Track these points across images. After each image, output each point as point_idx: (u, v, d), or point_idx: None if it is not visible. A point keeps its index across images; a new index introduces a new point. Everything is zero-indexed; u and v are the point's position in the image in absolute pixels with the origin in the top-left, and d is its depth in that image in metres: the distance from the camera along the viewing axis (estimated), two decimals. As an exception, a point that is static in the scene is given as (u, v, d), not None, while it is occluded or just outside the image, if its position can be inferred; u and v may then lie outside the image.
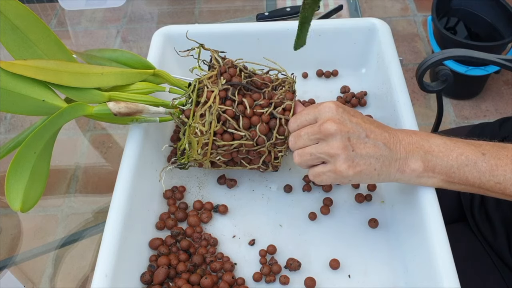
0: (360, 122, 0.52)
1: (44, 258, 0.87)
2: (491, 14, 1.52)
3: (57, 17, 1.66)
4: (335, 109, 0.52)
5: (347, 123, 0.51)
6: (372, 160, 0.51)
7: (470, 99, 1.63)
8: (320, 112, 0.53)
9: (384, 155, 0.52)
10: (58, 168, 1.06)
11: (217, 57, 0.61)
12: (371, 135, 0.51)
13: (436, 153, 0.52)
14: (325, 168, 0.53)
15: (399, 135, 0.53)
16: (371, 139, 0.51)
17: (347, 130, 0.51)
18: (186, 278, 0.57)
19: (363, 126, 0.52)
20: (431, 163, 0.52)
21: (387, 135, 0.52)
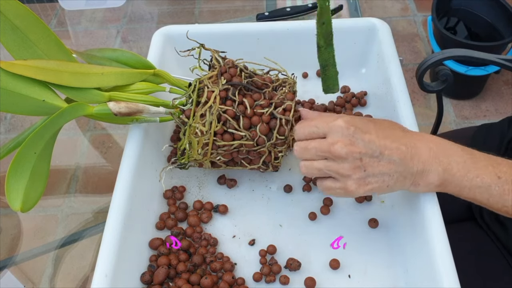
0: (373, 139, 0.49)
1: (44, 258, 0.87)
2: (491, 14, 1.52)
3: (57, 17, 1.66)
4: (345, 129, 0.49)
5: (358, 144, 0.49)
6: (386, 177, 0.50)
7: (470, 99, 1.63)
8: (330, 130, 0.50)
9: (398, 171, 0.50)
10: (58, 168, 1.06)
11: (218, 57, 0.61)
12: (386, 152, 0.49)
13: (454, 172, 0.50)
14: (335, 184, 0.52)
15: (418, 147, 0.50)
16: (386, 156, 0.49)
17: (358, 151, 0.49)
18: (186, 278, 0.57)
19: (376, 144, 0.49)
20: (446, 181, 0.50)
21: (404, 148, 0.49)
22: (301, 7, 0.98)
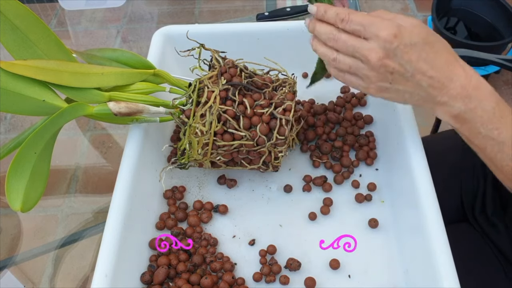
0: (412, 60, 0.48)
1: (44, 258, 0.88)
2: (491, 14, 1.52)
3: (57, 17, 1.66)
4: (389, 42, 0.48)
5: (395, 60, 0.49)
6: (407, 95, 0.51)
7: (470, 99, 1.63)
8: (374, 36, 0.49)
9: (422, 95, 0.51)
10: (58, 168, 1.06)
11: (218, 57, 0.61)
12: (418, 76, 0.49)
13: (475, 116, 0.50)
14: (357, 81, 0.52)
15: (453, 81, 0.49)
16: (416, 79, 0.49)
17: (392, 66, 0.49)
18: (186, 278, 0.57)
19: (413, 65, 0.49)
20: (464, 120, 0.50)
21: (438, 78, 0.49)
22: (301, 7, 0.98)
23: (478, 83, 0.50)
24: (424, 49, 0.49)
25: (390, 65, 0.49)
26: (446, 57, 0.50)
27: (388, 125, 0.67)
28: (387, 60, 0.49)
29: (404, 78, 0.50)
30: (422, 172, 0.57)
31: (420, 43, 0.49)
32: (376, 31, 0.48)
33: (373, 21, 0.49)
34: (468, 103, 0.49)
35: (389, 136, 0.67)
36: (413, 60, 0.49)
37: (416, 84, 0.50)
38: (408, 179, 0.58)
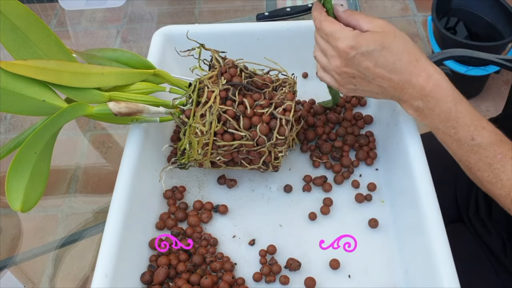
0: (370, 67, 0.52)
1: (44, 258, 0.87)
2: (491, 14, 1.52)
3: (57, 17, 1.66)
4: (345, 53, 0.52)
5: (353, 67, 0.53)
6: (373, 94, 0.55)
7: (470, 99, 1.63)
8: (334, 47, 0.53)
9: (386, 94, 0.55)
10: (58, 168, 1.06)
11: (218, 57, 0.61)
12: (377, 79, 0.53)
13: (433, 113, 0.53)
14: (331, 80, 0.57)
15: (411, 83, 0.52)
16: (377, 81, 0.53)
17: (352, 72, 0.53)
18: (186, 278, 0.57)
19: (371, 71, 0.52)
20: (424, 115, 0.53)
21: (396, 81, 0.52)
22: (301, 7, 0.98)
23: (437, 83, 0.52)
24: (381, 54, 0.51)
25: (349, 72, 0.53)
26: (407, 58, 0.52)
27: (388, 125, 0.67)
28: (346, 68, 0.53)
29: (366, 81, 0.54)
30: (422, 172, 0.57)
31: (377, 49, 0.51)
32: (335, 42, 0.53)
33: (334, 32, 0.53)
34: (427, 102, 0.52)
35: (389, 136, 0.67)
36: (371, 67, 0.52)
37: (378, 86, 0.54)
38: (408, 179, 0.58)
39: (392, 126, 0.65)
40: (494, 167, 0.51)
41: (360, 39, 0.51)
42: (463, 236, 0.71)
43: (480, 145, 0.51)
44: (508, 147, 0.51)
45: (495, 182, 0.51)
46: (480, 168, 0.52)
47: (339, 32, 0.52)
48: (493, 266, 0.67)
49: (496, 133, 0.52)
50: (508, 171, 0.50)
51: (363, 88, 0.55)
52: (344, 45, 0.52)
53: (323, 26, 0.54)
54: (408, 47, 0.52)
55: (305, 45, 0.77)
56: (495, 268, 0.67)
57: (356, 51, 0.51)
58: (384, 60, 0.52)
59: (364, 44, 0.51)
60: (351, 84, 0.55)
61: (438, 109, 0.52)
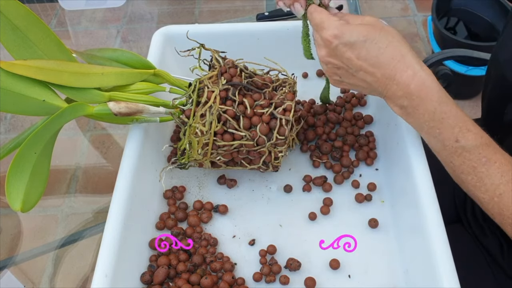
0: (352, 58, 0.51)
1: (44, 258, 0.88)
2: (491, 14, 1.52)
3: (57, 17, 1.66)
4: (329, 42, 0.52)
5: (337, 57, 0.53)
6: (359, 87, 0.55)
7: (470, 99, 1.63)
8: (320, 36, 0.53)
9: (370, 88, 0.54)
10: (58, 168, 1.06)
11: (218, 57, 0.61)
12: (360, 72, 0.52)
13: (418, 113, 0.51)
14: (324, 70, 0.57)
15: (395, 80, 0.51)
16: (360, 74, 0.52)
17: (336, 63, 0.53)
18: (186, 278, 0.57)
19: (353, 63, 0.52)
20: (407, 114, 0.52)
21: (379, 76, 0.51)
22: (301, 7, 0.98)
23: (422, 82, 0.50)
24: (364, 46, 0.51)
25: (333, 62, 0.53)
26: (391, 53, 0.51)
27: (388, 125, 0.67)
28: (330, 58, 0.53)
29: (350, 73, 0.53)
30: (422, 172, 0.57)
31: (360, 41, 0.51)
32: (321, 31, 0.53)
33: (321, 21, 0.53)
34: (411, 100, 0.51)
35: (389, 136, 0.67)
36: (353, 58, 0.51)
37: (361, 79, 0.53)
38: (408, 179, 0.58)
39: (392, 126, 0.65)
40: (478, 171, 0.49)
41: (344, 29, 0.51)
42: (462, 237, 0.71)
43: (464, 148, 0.49)
44: (493, 150, 0.49)
45: (478, 186, 0.50)
46: (463, 171, 0.50)
47: (325, 21, 0.53)
48: (490, 267, 0.67)
49: (481, 136, 0.50)
50: (492, 176, 0.49)
51: (348, 81, 0.55)
52: (328, 34, 0.52)
53: (313, 17, 0.55)
54: (394, 42, 0.51)
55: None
56: (492, 270, 0.67)
57: (338, 41, 0.51)
58: (366, 52, 0.51)
59: (347, 34, 0.51)
60: (336, 76, 0.55)
61: (423, 108, 0.51)
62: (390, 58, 0.51)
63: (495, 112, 0.66)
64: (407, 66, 0.51)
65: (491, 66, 0.67)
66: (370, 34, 0.51)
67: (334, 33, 0.51)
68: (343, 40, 0.51)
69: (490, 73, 0.67)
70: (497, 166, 0.49)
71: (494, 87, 0.65)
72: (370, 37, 0.51)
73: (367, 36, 0.51)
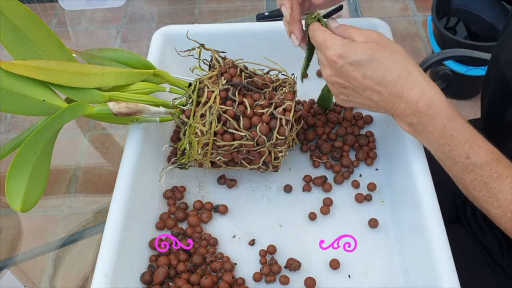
0: (357, 77, 0.51)
1: (44, 258, 0.88)
2: (491, 14, 1.52)
3: (57, 17, 1.66)
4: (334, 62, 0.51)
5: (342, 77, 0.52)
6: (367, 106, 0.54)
7: (470, 99, 1.63)
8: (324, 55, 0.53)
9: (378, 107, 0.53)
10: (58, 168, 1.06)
11: (218, 57, 0.61)
12: (367, 91, 0.52)
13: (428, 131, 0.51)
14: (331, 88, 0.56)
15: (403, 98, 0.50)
16: (367, 93, 0.52)
17: (342, 83, 0.53)
18: (186, 278, 0.57)
19: (360, 82, 0.51)
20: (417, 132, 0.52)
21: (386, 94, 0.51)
22: (301, 7, 0.98)
23: (430, 99, 0.50)
24: (369, 66, 0.50)
25: (339, 82, 0.53)
26: (398, 71, 0.50)
27: (388, 125, 0.67)
28: (336, 78, 0.53)
29: (357, 92, 0.53)
30: (422, 172, 0.57)
31: (366, 60, 0.50)
32: (324, 51, 0.52)
33: (324, 41, 0.52)
34: (420, 118, 0.50)
35: (389, 136, 0.67)
36: (359, 77, 0.51)
37: (368, 98, 0.52)
38: (408, 179, 0.58)
39: (392, 126, 0.65)
40: (490, 187, 0.49)
41: (348, 48, 0.50)
42: (462, 237, 0.71)
43: (475, 164, 0.49)
44: (504, 165, 0.49)
45: (491, 201, 0.49)
46: (475, 187, 0.50)
47: (328, 41, 0.52)
48: (490, 267, 0.67)
49: (492, 151, 0.49)
50: (504, 191, 0.48)
51: (355, 100, 0.54)
52: (332, 54, 0.51)
53: (315, 36, 0.54)
54: (400, 59, 0.51)
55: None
56: (492, 270, 0.67)
57: (343, 60, 0.51)
58: (372, 71, 0.50)
59: (352, 53, 0.50)
60: (343, 95, 0.54)
61: (432, 126, 0.50)
62: (397, 76, 0.50)
63: (496, 113, 0.66)
64: (414, 84, 0.50)
65: (492, 66, 0.67)
66: (375, 53, 0.50)
67: (339, 53, 0.51)
68: (348, 60, 0.50)
69: (490, 73, 0.67)
70: (509, 181, 0.48)
71: (494, 88, 0.65)
72: (376, 56, 0.50)
73: (372, 55, 0.50)
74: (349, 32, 0.53)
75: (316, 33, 0.54)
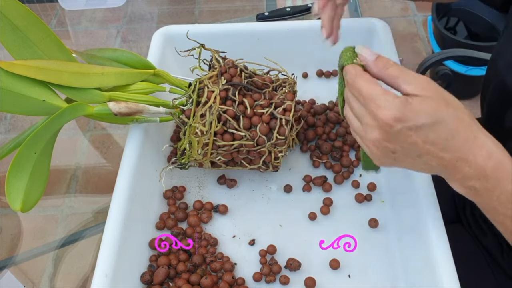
0: (418, 142, 0.43)
1: (44, 258, 0.87)
2: (491, 14, 1.52)
3: (57, 17, 1.66)
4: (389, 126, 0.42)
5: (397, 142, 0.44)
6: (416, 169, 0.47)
7: (470, 99, 1.63)
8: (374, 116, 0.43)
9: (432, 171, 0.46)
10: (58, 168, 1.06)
11: (218, 57, 0.61)
12: (426, 156, 0.44)
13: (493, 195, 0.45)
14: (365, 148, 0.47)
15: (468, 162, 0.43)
16: (424, 159, 0.44)
17: (393, 148, 0.44)
18: (186, 278, 0.57)
19: (419, 147, 0.43)
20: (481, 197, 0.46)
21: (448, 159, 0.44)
22: (301, 7, 0.98)
23: (498, 162, 0.44)
24: (432, 129, 0.43)
25: (390, 147, 0.44)
26: (464, 134, 0.43)
27: (388, 125, 0.67)
28: (387, 143, 0.44)
29: (410, 157, 0.45)
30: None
31: (428, 124, 0.42)
32: (376, 110, 0.43)
33: (375, 97, 0.43)
34: (484, 182, 0.44)
35: (389, 136, 0.66)
36: (419, 143, 0.43)
37: (424, 163, 0.45)
38: (408, 179, 0.58)
39: (392, 126, 0.65)
40: None
41: (408, 110, 0.42)
42: (462, 237, 0.71)
43: None
44: None
45: None
46: None
47: (381, 99, 0.43)
48: (490, 267, 0.67)
49: None
50: None
51: (404, 164, 0.46)
52: (388, 116, 0.42)
53: (359, 84, 0.44)
54: (464, 119, 0.43)
55: (305, 45, 0.77)
56: (492, 270, 0.67)
57: (402, 125, 0.42)
58: (435, 136, 0.43)
59: (412, 116, 0.42)
60: (389, 159, 0.46)
61: (499, 190, 0.44)
62: (463, 140, 0.43)
63: (495, 116, 0.66)
64: (480, 146, 0.43)
65: (490, 69, 0.67)
66: (438, 114, 0.42)
67: (397, 116, 0.42)
68: (407, 124, 0.42)
69: (489, 75, 0.67)
70: None
71: (493, 91, 0.65)
72: (439, 118, 0.42)
73: (435, 117, 0.42)
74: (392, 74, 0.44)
75: (360, 82, 0.45)
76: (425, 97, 0.42)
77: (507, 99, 0.61)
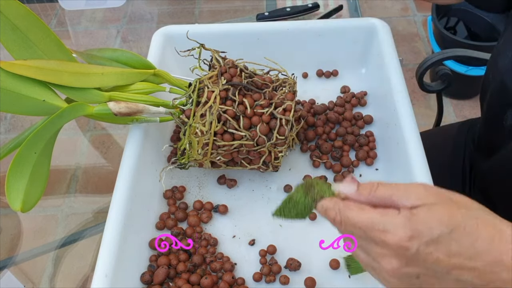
0: (442, 259, 0.37)
1: (44, 258, 0.87)
2: (491, 14, 1.52)
3: (57, 17, 1.66)
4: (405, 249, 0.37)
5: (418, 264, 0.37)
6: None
7: (470, 99, 1.63)
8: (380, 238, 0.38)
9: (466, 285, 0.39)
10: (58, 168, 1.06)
11: (218, 57, 0.61)
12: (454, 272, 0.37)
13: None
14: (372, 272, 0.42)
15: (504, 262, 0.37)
16: (453, 275, 0.38)
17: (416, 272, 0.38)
18: (186, 278, 0.57)
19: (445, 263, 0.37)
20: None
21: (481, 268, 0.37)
22: (301, 7, 0.98)
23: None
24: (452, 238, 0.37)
25: (412, 272, 0.38)
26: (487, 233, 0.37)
27: (388, 125, 0.67)
28: (408, 268, 0.38)
29: (437, 277, 0.39)
30: (422, 172, 0.57)
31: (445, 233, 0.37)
32: (382, 237, 0.38)
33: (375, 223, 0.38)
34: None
35: (389, 136, 0.67)
36: (443, 258, 0.37)
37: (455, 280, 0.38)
38: (408, 179, 0.58)
39: (392, 126, 0.65)
40: None
41: (417, 224, 0.36)
42: None
43: None
44: None
45: None
46: None
47: (382, 223, 0.37)
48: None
49: None
50: None
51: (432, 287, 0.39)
52: (399, 238, 0.37)
53: (350, 218, 0.39)
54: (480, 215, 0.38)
55: (305, 45, 0.77)
56: None
57: (418, 242, 0.36)
58: (458, 245, 0.37)
59: (424, 229, 0.36)
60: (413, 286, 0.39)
61: None
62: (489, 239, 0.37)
63: (495, 116, 0.66)
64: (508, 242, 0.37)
65: (490, 70, 0.67)
66: (452, 219, 0.37)
67: (408, 234, 0.36)
68: (424, 239, 0.36)
69: (489, 75, 0.67)
70: None
71: (493, 92, 0.65)
72: (455, 223, 0.37)
73: (449, 222, 0.37)
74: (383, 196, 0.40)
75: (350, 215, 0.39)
76: (430, 204, 0.37)
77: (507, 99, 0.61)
